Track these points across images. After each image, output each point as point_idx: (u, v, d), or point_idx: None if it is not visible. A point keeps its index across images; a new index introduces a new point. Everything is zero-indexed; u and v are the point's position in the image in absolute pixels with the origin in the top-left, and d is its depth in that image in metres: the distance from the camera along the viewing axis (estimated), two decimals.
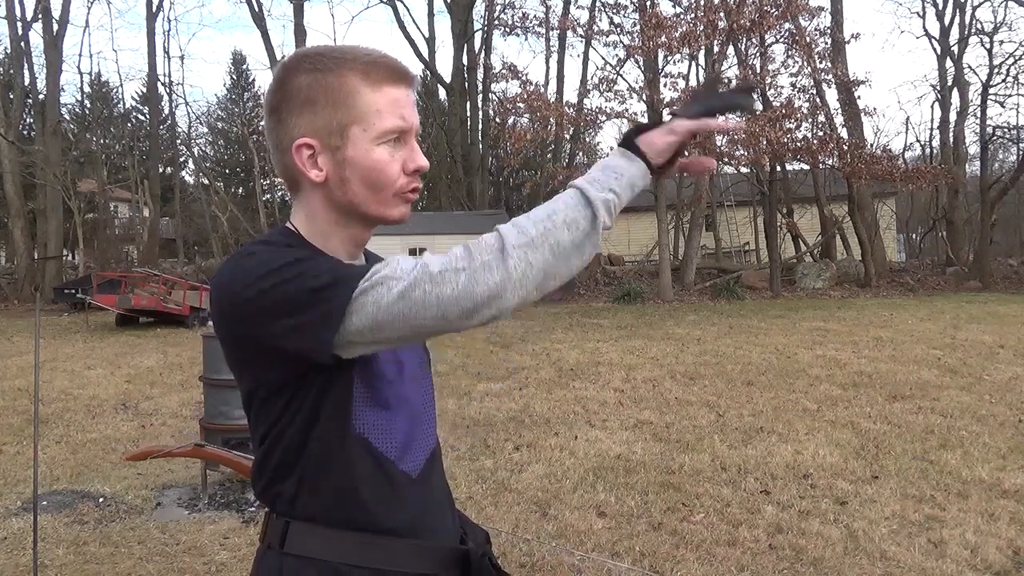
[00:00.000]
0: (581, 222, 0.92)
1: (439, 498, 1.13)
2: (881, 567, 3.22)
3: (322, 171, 1.02)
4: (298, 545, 1.02)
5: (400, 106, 1.01)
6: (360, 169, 1.01)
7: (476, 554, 1.11)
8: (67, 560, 3.45)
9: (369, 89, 1.00)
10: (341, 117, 1.00)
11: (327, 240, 1.05)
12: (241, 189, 42.49)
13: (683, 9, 18.03)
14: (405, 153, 1.03)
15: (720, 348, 9.71)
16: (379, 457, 1.03)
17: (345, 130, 1.00)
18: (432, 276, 0.88)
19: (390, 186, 1.02)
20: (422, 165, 1.04)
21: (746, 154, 17.59)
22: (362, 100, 1.00)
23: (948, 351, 8.99)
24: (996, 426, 5.50)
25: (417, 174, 1.04)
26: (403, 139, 1.02)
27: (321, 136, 1.01)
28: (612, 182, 0.96)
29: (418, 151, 1.04)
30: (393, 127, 1.01)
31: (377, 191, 1.02)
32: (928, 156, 27.44)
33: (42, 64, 24.11)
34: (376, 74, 1.01)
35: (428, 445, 1.11)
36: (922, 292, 19.29)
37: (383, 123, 1.00)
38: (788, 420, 5.81)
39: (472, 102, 26.67)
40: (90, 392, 7.66)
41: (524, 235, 0.90)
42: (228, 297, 0.95)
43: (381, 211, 1.04)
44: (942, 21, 24.49)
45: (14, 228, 22.69)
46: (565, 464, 4.76)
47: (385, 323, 0.90)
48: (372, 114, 1.00)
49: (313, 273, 0.91)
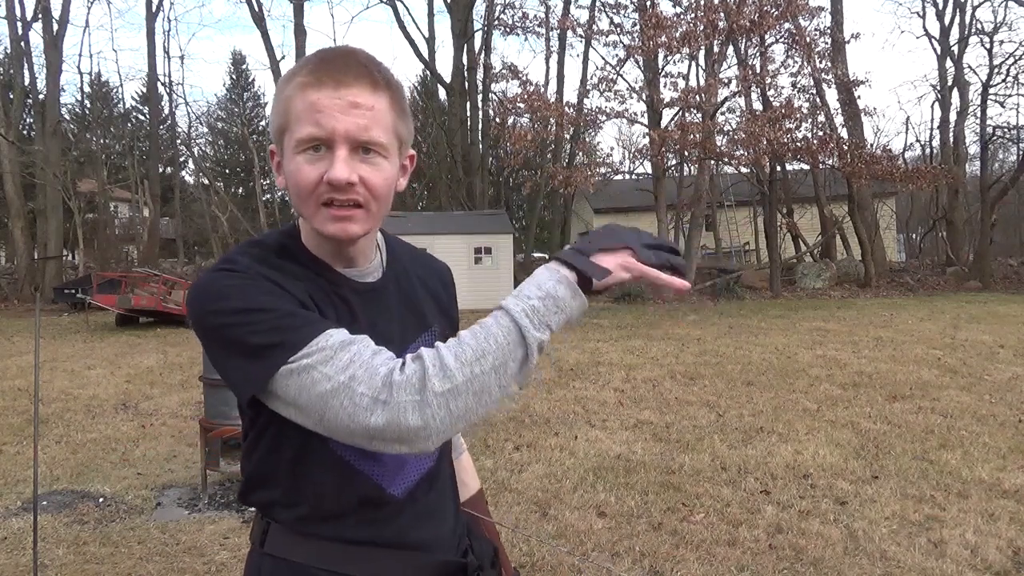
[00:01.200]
0: (511, 365, 0.86)
1: (431, 512, 1.09)
2: (881, 567, 3.22)
3: (280, 178, 1.01)
4: (276, 546, 1.02)
5: (316, 111, 0.93)
6: (289, 179, 0.98)
7: (473, 566, 1.09)
8: (67, 560, 3.45)
9: (299, 94, 0.96)
10: (280, 124, 0.99)
11: (317, 249, 1.03)
12: (241, 189, 42.53)
13: (683, 9, 18.05)
14: (326, 163, 0.94)
15: (720, 348, 9.71)
16: (362, 478, 1.01)
17: (280, 138, 0.99)
18: (353, 394, 0.85)
19: (308, 196, 0.96)
20: (332, 178, 0.93)
21: (746, 154, 17.59)
22: (292, 106, 0.96)
23: (948, 351, 8.99)
24: (996, 426, 5.50)
25: (332, 186, 0.94)
26: (326, 147, 0.94)
27: (276, 143, 1.01)
28: (552, 317, 0.88)
29: (339, 161, 0.93)
30: (306, 135, 0.94)
31: (302, 202, 0.97)
32: (928, 156, 27.43)
33: (42, 64, 24.15)
34: (306, 77, 0.96)
35: (423, 466, 1.07)
36: (922, 292, 19.30)
37: (299, 131, 0.95)
38: (788, 420, 5.81)
39: (472, 102, 26.67)
40: (90, 392, 7.66)
41: (449, 380, 0.84)
42: (194, 310, 0.95)
43: (316, 224, 0.97)
44: (942, 21, 24.52)
45: (14, 228, 22.69)
46: (565, 464, 4.75)
47: (302, 407, 0.89)
48: (294, 121, 0.96)
49: (259, 328, 0.89)
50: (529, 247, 25.65)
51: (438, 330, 1.13)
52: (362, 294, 1.05)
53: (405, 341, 1.07)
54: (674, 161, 19.98)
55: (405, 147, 1.03)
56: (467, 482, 1.32)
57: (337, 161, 0.93)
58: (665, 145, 16.82)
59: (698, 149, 17.29)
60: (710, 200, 24.31)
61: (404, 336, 1.07)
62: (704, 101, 17.64)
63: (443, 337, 1.09)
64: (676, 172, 23.04)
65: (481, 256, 18.44)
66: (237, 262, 0.96)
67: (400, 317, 1.09)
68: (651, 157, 18.34)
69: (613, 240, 0.94)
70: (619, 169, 23.77)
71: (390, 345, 0.95)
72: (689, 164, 21.74)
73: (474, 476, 1.37)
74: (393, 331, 1.05)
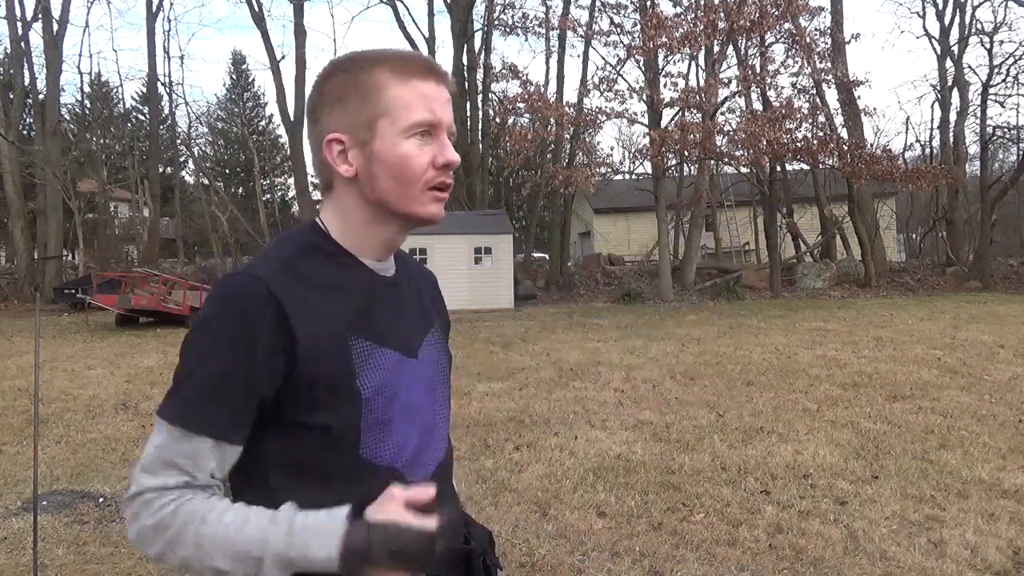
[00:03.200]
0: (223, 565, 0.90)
1: (445, 501, 1.09)
2: (881, 567, 3.22)
3: (352, 166, 1.02)
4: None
5: (429, 100, 1.01)
6: (387, 162, 1.01)
7: (477, 553, 1.12)
8: (67, 560, 3.45)
9: (398, 83, 1.00)
10: (369, 111, 1.01)
11: (361, 241, 1.05)
12: (241, 189, 42.54)
13: (683, 9, 18.04)
14: (435, 147, 1.02)
15: (720, 348, 9.71)
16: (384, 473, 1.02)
17: (373, 124, 1.01)
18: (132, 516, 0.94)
19: (417, 180, 1.01)
20: (451, 159, 1.02)
21: (746, 154, 17.59)
22: (390, 94, 1.00)
23: (948, 351, 8.99)
24: (996, 426, 5.50)
25: (447, 169, 1.03)
26: (432, 133, 1.02)
27: (351, 131, 1.02)
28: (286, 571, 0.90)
29: (448, 146, 1.02)
30: (420, 120, 1.00)
31: (405, 185, 1.01)
32: (928, 156, 27.43)
33: (42, 64, 24.14)
34: (406, 69, 1.01)
35: (437, 456, 1.10)
36: (922, 292, 19.30)
37: (410, 116, 1.00)
38: (788, 420, 5.81)
39: (472, 102, 26.64)
40: (90, 392, 7.66)
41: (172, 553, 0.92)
42: (201, 310, 1.01)
43: (412, 208, 1.03)
44: (942, 21, 24.52)
45: (14, 228, 22.69)
46: (565, 464, 4.75)
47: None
48: (400, 108, 1.00)
49: (195, 375, 0.96)
50: (529, 247, 25.64)
51: (439, 326, 1.18)
52: (386, 287, 1.08)
53: (420, 334, 1.11)
54: (674, 161, 19.97)
55: None
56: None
57: (448, 146, 1.02)
58: (665, 145, 16.82)
59: (698, 149, 17.29)
60: (710, 200, 24.34)
61: (418, 329, 1.11)
62: (704, 101, 17.64)
63: (443, 333, 1.17)
64: (676, 172, 23.04)
65: (481, 256, 18.44)
66: (259, 268, 0.98)
67: (413, 312, 1.12)
68: (651, 157, 18.33)
69: (398, 560, 0.89)
70: (619, 169, 23.85)
71: (404, 337, 1.04)
72: (689, 164, 21.75)
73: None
74: (410, 326, 1.09)
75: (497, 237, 18.73)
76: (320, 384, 0.97)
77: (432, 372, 1.12)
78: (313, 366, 0.96)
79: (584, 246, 34.95)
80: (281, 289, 0.96)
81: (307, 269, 1.01)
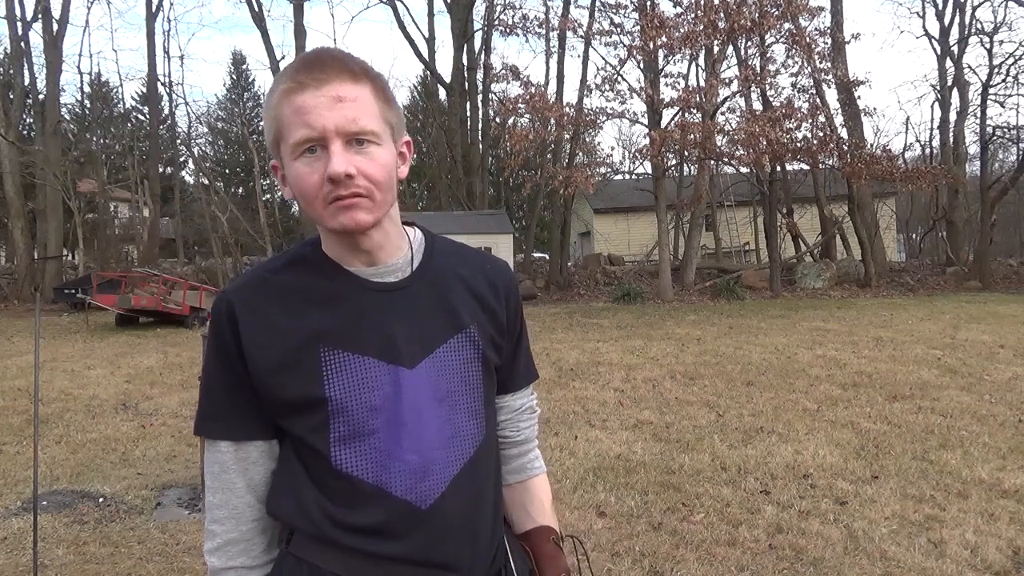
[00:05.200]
0: None
1: (460, 527, 1.04)
2: (881, 567, 3.22)
3: (287, 188, 1.02)
4: (300, 548, 1.03)
5: (305, 113, 0.94)
6: (293, 186, 0.99)
7: None
8: (67, 560, 3.45)
9: (284, 102, 0.96)
10: (274, 136, 0.99)
11: (338, 251, 1.05)
12: (241, 189, 42.52)
13: (683, 9, 18.03)
14: (324, 161, 0.95)
15: (720, 348, 9.71)
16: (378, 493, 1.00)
17: (278, 150, 1.00)
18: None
19: (315, 199, 0.97)
20: (332, 173, 0.94)
21: (746, 154, 17.57)
22: (281, 116, 0.97)
23: (948, 351, 8.98)
24: (996, 426, 5.50)
25: (335, 183, 0.95)
26: (320, 146, 0.95)
27: (275, 157, 1.02)
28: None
29: (334, 155, 0.94)
30: (300, 139, 0.95)
31: (309, 205, 0.98)
32: (928, 156, 27.41)
33: (42, 64, 24.13)
34: (288, 84, 0.96)
35: (449, 473, 1.03)
36: (922, 292, 19.29)
37: (292, 136, 0.96)
38: (788, 420, 5.81)
39: (472, 102, 26.63)
40: (90, 392, 7.66)
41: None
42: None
43: (325, 223, 0.99)
44: (942, 21, 24.50)
45: (14, 228, 22.68)
46: (565, 464, 4.75)
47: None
48: (286, 129, 0.96)
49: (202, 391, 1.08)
50: (529, 247, 25.61)
51: (476, 331, 1.09)
52: (377, 294, 1.04)
53: (431, 341, 1.05)
54: (674, 161, 19.96)
55: (398, 133, 1.03)
56: (531, 512, 1.22)
57: (333, 156, 0.94)
58: (665, 145, 16.80)
59: (698, 149, 17.27)
60: (710, 200, 24.32)
61: (428, 336, 1.05)
62: (704, 101, 17.64)
63: (482, 339, 1.09)
64: (676, 172, 23.02)
65: None
66: (232, 284, 1.06)
67: (426, 317, 1.06)
68: (651, 157, 18.32)
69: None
70: (619, 169, 23.82)
71: (395, 346, 1.01)
72: (689, 164, 21.73)
73: (543, 511, 1.23)
74: (411, 332, 1.04)
75: (497, 237, 18.74)
76: (287, 392, 1.00)
77: (444, 380, 1.05)
78: (271, 376, 1.00)
79: (584, 246, 34.94)
80: (241, 304, 1.02)
81: (281, 282, 1.04)
